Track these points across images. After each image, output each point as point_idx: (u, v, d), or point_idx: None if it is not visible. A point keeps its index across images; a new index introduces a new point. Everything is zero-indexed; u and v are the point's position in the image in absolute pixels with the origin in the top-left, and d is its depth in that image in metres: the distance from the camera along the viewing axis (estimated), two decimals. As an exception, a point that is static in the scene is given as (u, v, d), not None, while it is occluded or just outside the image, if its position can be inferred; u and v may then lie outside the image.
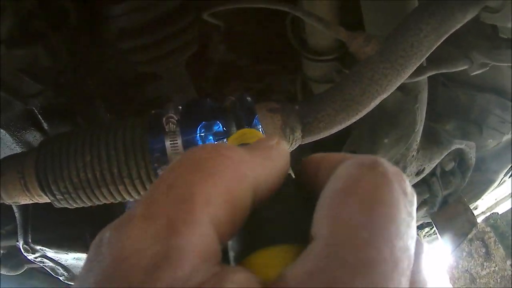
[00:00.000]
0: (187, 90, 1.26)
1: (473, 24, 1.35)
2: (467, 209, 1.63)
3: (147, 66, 1.17)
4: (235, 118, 0.98)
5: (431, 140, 1.43)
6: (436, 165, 1.56)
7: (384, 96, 1.03)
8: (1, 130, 1.03)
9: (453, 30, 1.03)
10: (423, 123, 1.34)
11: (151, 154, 0.85)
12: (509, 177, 1.86)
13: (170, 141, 0.88)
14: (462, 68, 1.23)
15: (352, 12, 1.33)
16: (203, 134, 0.94)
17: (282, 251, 0.25)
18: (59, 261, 1.46)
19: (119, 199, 0.91)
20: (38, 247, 1.34)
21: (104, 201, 0.90)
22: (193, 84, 1.37)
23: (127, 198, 0.91)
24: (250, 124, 1.01)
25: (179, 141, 0.87)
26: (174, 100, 1.25)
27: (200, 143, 0.94)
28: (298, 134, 1.02)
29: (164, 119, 0.88)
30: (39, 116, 1.07)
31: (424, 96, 1.28)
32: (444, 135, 1.43)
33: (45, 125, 1.09)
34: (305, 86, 1.61)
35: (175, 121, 0.88)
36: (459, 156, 1.61)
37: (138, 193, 0.89)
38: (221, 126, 0.96)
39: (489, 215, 2.16)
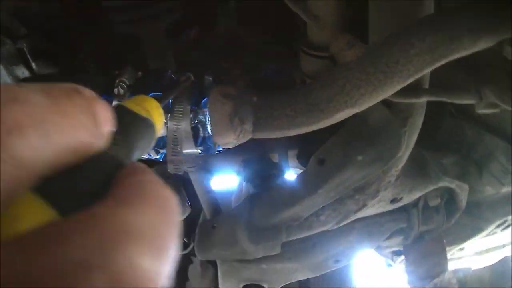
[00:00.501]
0: (166, 56, 1.16)
1: (495, 56, 1.16)
2: (442, 251, 1.47)
3: (128, 26, 1.13)
4: (187, 95, 0.90)
5: (418, 170, 1.26)
6: (421, 197, 1.39)
7: (354, 110, 0.88)
8: None
9: (455, 57, 0.85)
10: (410, 150, 1.17)
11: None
12: (501, 230, 1.67)
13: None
14: (467, 102, 1.05)
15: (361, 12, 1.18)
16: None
17: None
18: None
19: None
20: None
21: None
22: (198, 56, 1.33)
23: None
24: (197, 105, 0.90)
25: None
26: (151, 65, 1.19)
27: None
28: (248, 126, 0.89)
29: (116, 82, 0.88)
30: (28, 56, 1.17)
31: (417, 121, 1.12)
32: (434, 169, 1.26)
33: (33, 65, 1.19)
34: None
35: (124, 86, 0.87)
36: (449, 195, 1.44)
37: None
38: (170, 101, 0.90)
39: (461, 269, 1.97)
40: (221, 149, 0.96)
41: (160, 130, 0.49)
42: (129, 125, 0.37)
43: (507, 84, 1.05)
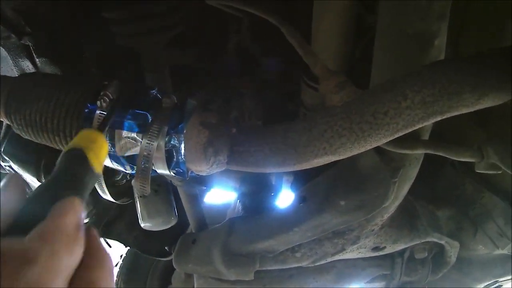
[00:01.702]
0: (162, 71, 1.09)
1: (506, 108, 1.04)
2: (422, 305, 1.33)
3: (127, 40, 1.07)
4: (165, 117, 0.82)
5: (406, 221, 1.15)
6: (407, 248, 1.26)
7: (334, 158, 0.77)
8: (5, 52, 1.14)
9: (453, 114, 0.74)
10: (399, 201, 1.06)
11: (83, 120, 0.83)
12: (490, 290, 1.52)
13: (99, 113, 0.81)
14: (467, 160, 0.93)
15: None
16: (129, 120, 0.84)
17: None
18: (22, 176, 1.50)
19: (57, 147, 0.87)
20: (6, 158, 1.41)
21: (46, 143, 0.88)
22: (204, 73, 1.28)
23: (63, 148, 0.83)
24: (174, 128, 0.81)
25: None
26: (147, 79, 1.12)
27: (125, 128, 0.84)
28: (223, 158, 0.80)
29: (100, 94, 0.82)
30: (33, 52, 1.14)
31: (409, 173, 1.01)
32: (423, 223, 1.14)
33: (37, 61, 1.16)
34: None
35: (107, 100, 0.82)
36: (437, 249, 1.31)
37: None
38: (149, 119, 0.82)
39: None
40: (194, 174, 0.87)
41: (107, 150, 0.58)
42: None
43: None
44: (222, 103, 1.31)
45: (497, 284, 1.54)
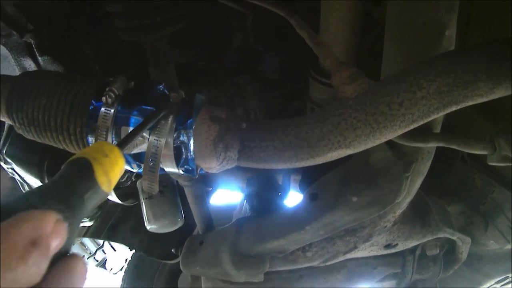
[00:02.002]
0: (166, 66, 1.06)
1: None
2: (434, 303, 1.31)
3: (130, 34, 1.03)
4: (174, 113, 0.79)
5: (418, 218, 1.12)
6: (419, 244, 1.24)
7: (349, 152, 0.75)
8: (6, 51, 1.13)
9: (467, 104, 0.72)
10: (412, 196, 1.04)
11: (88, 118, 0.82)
12: (501, 286, 1.50)
13: (104, 111, 0.80)
14: (479, 152, 0.91)
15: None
16: (136, 116, 0.81)
17: None
18: (23, 178, 1.50)
19: (61, 146, 0.86)
20: (9, 160, 1.41)
21: (50, 143, 0.86)
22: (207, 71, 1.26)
23: (66, 148, 0.86)
24: (183, 124, 0.79)
25: (110, 115, 0.80)
26: (152, 74, 1.10)
27: (132, 124, 0.81)
28: (233, 154, 0.78)
29: (106, 90, 0.80)
30: (35, 50, 1.13)
31: (422, 167, 0.98)
32: (435, 218, 1.12)
33: (39, 59, 1.14)
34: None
35: (113, 96, 0.80)
36: (449, 245, 1.29)
37: (73, 147, 0.84)
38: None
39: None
40: (204, 172, 0.84)
41: (121, 168, 0.50)
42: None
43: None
44: (227, 101, 1.29)
45: (508, 280, 1.53)
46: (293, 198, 1.57)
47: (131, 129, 0.82)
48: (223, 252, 1.13)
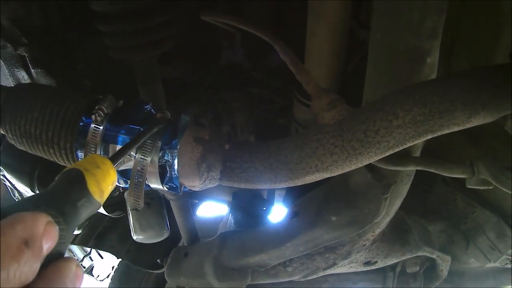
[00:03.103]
0: (154, 84, 1.10)
1: (500, 128, 1.06)
2: (414, 319, 1.35)
3: (120, 53, 1.08)
4: (159, 132, 0.83)
5: (397, 236, 1.16)
6: (399, 261, 1.28)
7: (326, 175, 0.79)
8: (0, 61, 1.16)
9: (443, 133, 0.75)
10: (391, 216, 1.07)
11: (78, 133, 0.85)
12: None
13: (94, 127, 0.84)
14: (459, 176, 0.94)
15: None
16: (123, 135, 0.85)
17: None
18: (15, 185, 1.51)
19: (51, 159, 0.88)
20: (0, 167, 1.43)
21: (41, 155, 0.89)
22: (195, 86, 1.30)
23: (57, 161, 0.90)
24: (168, 144, 0.83)
25: (99, 131, 0.83)
26: (140, 91, 1.14)
27: (119, 143, 0.86)
28: (215, 174, 0.81)
29: (95, 108, 0.84)
30: (29, 63, 1.16)
31: (401, 189, 1.02)
32: (415, 237, 1.16)
33: (32, 72, 1.18)
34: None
35: (102, 114, 0.84)
36: (429, 263, 1.32)
37: (63, 160, 0.87)
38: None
39: None
40: (187, 190, 0.88)
41: (114, 180, 0.52)
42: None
43: (504, 162, 0.94)
44: (214, 118, 1.33)
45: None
46: (278, 212, 1.61)
47: (119, 147, 0.86)
48: (207, 264, 1.16)
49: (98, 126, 0.85)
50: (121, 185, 0.93)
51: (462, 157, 1.14)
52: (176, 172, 0.83)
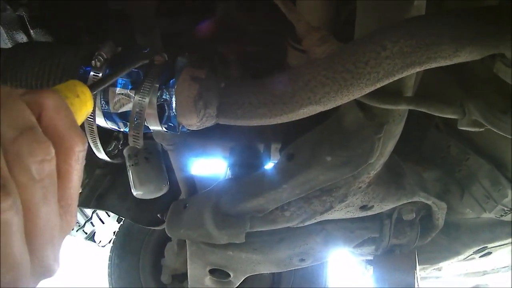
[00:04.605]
0: (153, 33, 1.15)
1: (489, 71, 1.10)
2: (410, 269, 1.41)
3: (118, 2, 1.14)
4: (156, 73, 0.89)
5: (392, 180, 1.22)
6: (395, 209, 1.34)
7: (319, 108, 0.84)
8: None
9: (432, 66, 0.80)
10: (385, 158, 1.13)
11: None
12: (479, 257, 1.60)
13: (93, 75, 0.90)
14: (449, 116, 0.99)
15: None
16: (123, 77, 0.91)
17: None
18: None
19: None
20: None
21: None
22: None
23: None
24: (166, 84, 0.88)
25: (99, 77, 0.89)
26: (137, 41, 1.19)
27: (119, 85, 0.91)
28: (212, 111, 0.86)
29: (95, 54, 0.89)
30: (27, 23, 1.20)
31: (393, 129, 1.07)
32: (410, 182, 1.21)
33: (31, 32, 1.22)
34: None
35: (101, 60, 0.89)
36: (426, 211, 1.39)
37: None
38: (141, 76, 0.90)
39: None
40: (185, 129, 0.94)
41: (89, 111, 0.52)
42: None
43: (494, 103, 0.99)
44: (210, 69, 1.37)
45: (486, 251, 1.62)
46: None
47: (118, 89, 0.92)
48: (206, 213, 1.22)
49: (98, 72, 0.91)
50: (121, 129, 0.99)
51: (454, 102, 1.19)
52: (174, 110, 0.89)
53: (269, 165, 1.61)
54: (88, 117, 0.89)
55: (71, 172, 0.41)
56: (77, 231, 2.25)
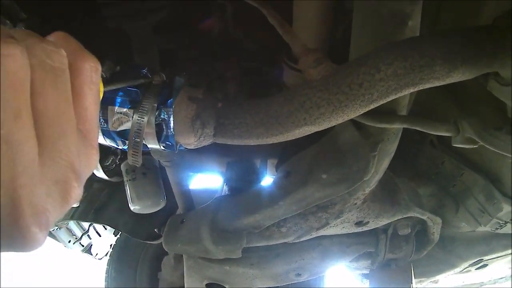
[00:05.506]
0: (151, 52, 1.17)
1: (483, 90, 1.13)
2: (407, 282, 1.43)
3: (116, 22, 1.15)
4: (154, 93, 0.91)
5: (387, 196, 1.24)
6: (391, 224, 1.36)
7: (314, 128, 0.86)
8: None
9: (426, 86, 0.82)
10: (380, 175, 1.15)
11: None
12: (475, 269, 1.62)
13: None
14: (443, 134, 1.01)
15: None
16: (121, 97, 0.93)
17: None
18: None
19: None
20: None
21: None
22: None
23: None
24: (164, 103, 0.91)
25: None
26: (135, 59, 1.21)
27: (118, 104, 0.93)
28: (209, 130, 0.88)
29: None
30: None
31: (388, 147, 1.09)
32: (405, 198, 1.23)
33: None
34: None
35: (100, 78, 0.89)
36: (421, 226, 1.41)
37: None
38: (139, 96, 0.92)
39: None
40: (183, 148, 0.96)
41: None
42: None
43: (488, 120, 1.01)
44: (207, 86, 1.40)
45: (482, 263, 1.64)
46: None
47: (117, 108, 0.94)
48: (203, 228, 1.24)
49: (96, 91, 0.93)
50: (120, 147, 1.01)
51: (448, 118, 1.21)
52: (171, 130, 0.91)
53: (265, 180, 1.63)
54: None
55: (85, 89, 0.39)
56: (74, 243, 2.26)
